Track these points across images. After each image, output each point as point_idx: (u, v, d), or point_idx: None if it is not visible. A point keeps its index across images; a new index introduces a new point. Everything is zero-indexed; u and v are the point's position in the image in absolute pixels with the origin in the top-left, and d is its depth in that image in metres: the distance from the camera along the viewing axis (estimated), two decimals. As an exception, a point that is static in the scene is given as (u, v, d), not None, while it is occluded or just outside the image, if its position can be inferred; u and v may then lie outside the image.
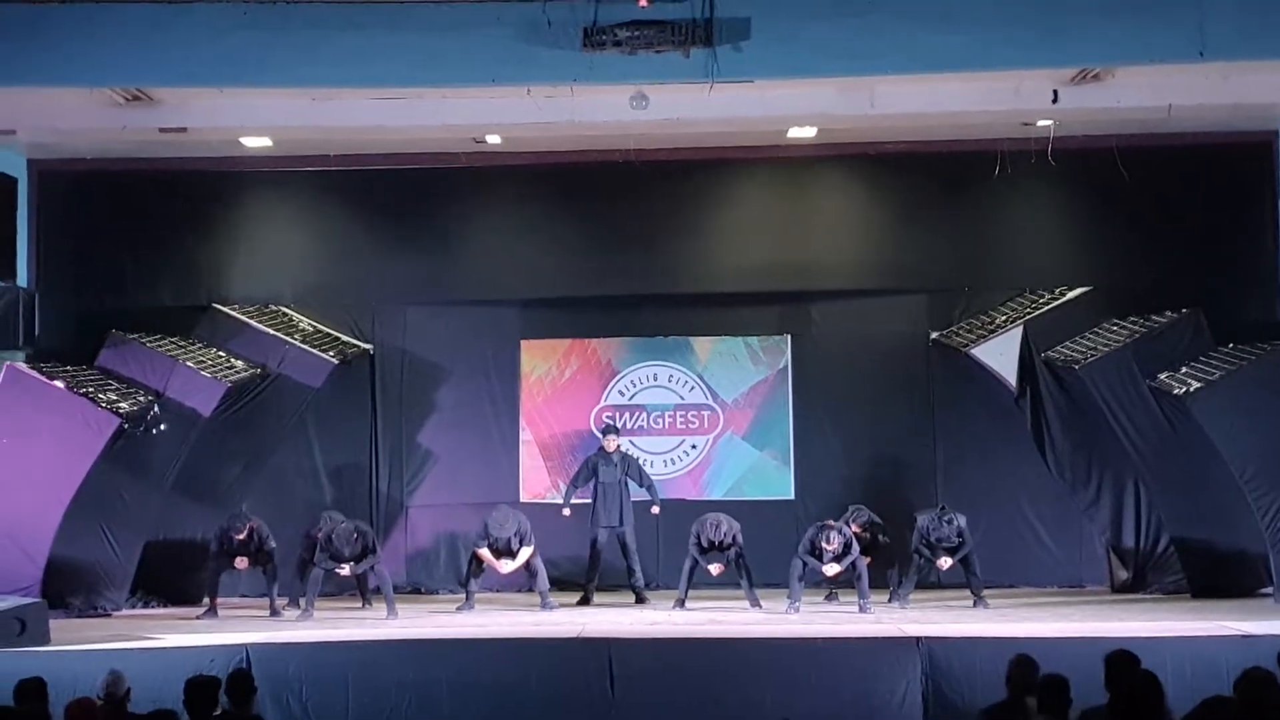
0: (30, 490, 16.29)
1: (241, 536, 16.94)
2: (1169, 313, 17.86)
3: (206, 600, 17.10)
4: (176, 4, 14.67)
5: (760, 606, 16.67)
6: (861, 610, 16.29)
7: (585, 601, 17.64)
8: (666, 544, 18.54)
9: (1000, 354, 18.57)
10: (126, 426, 16.55)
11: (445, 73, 14.84)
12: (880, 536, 17.31)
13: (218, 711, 9.47)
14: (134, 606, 17.64)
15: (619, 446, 18.36)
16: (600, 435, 18.65)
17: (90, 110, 16.09)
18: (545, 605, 16.99)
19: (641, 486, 18.29)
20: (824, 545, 16.38)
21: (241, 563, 17.06)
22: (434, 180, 18.97)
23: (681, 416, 19.65)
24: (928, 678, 12.95)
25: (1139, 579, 18.19)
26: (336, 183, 18.94)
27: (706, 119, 16.08)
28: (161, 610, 17.67)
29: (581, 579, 18.04)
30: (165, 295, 19.06)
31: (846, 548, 16.46)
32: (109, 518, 17.13)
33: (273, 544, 17.18)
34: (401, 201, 19.05)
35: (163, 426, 16.97)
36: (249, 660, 12.78)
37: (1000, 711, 9.58)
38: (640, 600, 17.69)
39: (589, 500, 18.18)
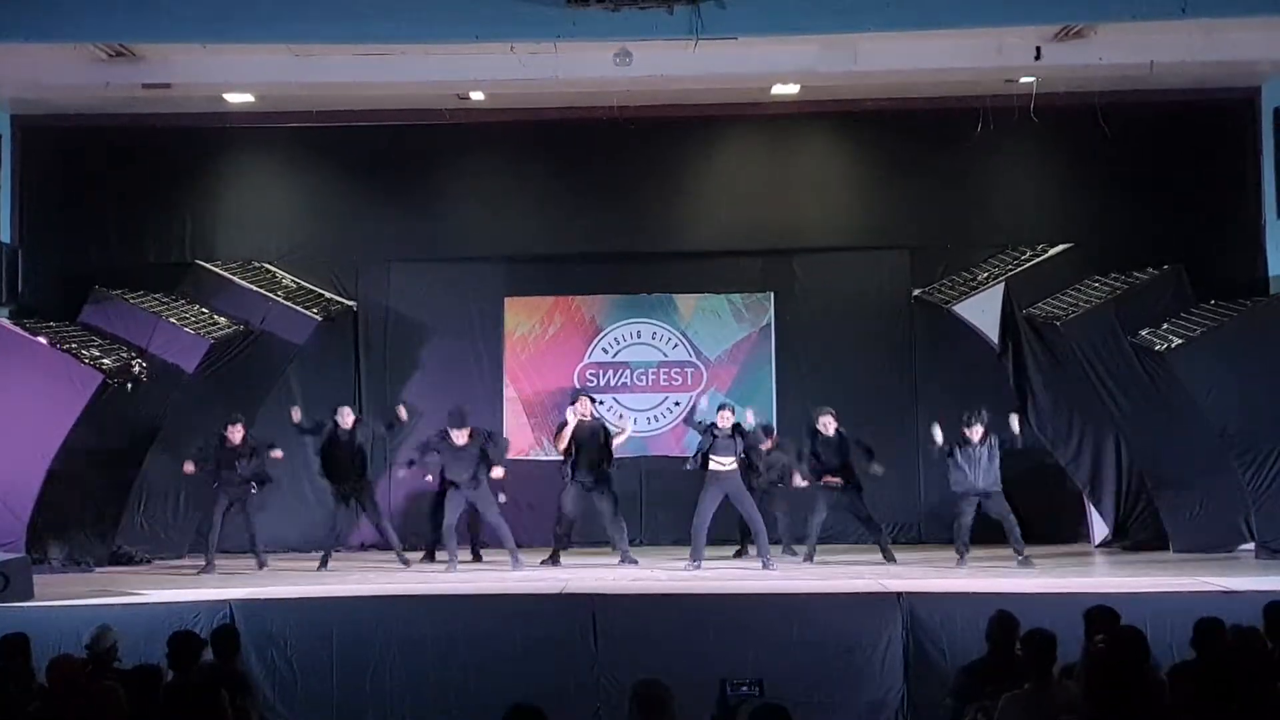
0: (13, 446, 16.29)
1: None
2: (1151, 269, 17.91)
3: (214, 522, 17.14)
4: (159, -41, 14.67)
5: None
6: (765, 567, 16.37)
7: (554, 557, 17.50)
8: (649, 503, 18.56)
9: (982, 310, 18.61)
10: (110, 383, 16.56)
11: (428, 29, 14.83)
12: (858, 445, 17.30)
13: (200, 665, 9.52)
14: (117, 562, 17.65)
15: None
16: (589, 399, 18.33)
17: (74, 66, 16.11)
18: (516, 564, 16.86)
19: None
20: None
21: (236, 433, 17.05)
22: (417, 137, 18.98)
23: (665, 373, 19.65)
24: (909, 633, 13.01)
25: (1119, 535, 18.28)
26: (320, 139, 18.97)
27: (690, 76, 16.11)
28: (145, 566, 17.69)
29: (552, 537, 17.96)
30: (149, 252, 19.09)
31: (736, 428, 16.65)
32: (92, 474, 17.18)
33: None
34: (385, 158, 19.08)
35: (132, 385, 17.00)
36: (233, 615, 12.84)
37: (981, 667, 9.64)
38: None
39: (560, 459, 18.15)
